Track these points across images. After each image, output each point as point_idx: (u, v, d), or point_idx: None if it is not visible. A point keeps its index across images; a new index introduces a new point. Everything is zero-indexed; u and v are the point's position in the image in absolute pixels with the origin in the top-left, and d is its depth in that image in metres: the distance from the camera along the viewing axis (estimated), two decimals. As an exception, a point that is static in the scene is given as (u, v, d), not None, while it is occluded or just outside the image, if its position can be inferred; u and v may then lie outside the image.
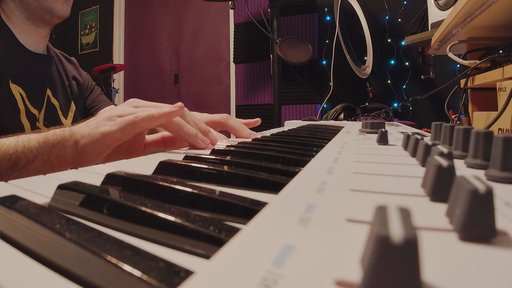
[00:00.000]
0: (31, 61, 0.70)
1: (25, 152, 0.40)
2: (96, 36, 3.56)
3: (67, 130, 0.43)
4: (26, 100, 0.66)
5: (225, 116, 0.61)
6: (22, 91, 0.65)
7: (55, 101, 0.74)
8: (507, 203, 0.15)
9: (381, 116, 1.41)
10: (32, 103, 0.67)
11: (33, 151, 0.40)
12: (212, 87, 2.98)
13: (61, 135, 0.42)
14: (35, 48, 0.72)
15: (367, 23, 1.77)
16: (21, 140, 0.41)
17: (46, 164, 0.41)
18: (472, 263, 0.10)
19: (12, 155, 0.40)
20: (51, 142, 0.41)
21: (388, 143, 0.38)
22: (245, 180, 0.23)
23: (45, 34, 0.73)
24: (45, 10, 0.68)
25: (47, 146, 0.41)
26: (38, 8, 0.67)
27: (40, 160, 0.41)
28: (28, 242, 0.14)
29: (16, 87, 0.64)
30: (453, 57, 0.92)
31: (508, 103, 0.63)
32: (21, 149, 0.40)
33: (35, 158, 0.41)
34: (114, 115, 0.42)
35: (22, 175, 0.40)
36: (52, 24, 0.72)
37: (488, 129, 0.23)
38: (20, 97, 0.64)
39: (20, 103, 0.64)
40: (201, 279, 0.09)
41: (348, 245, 0.11)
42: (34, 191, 0.21)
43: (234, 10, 2.41)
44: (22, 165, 0.40)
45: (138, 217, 0.16)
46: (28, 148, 0.40)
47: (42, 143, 0.41)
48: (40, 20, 0.69)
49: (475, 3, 0.71)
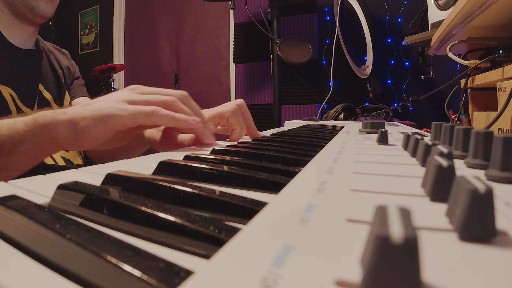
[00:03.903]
0: (20, 58, 0.68)
1: (11, 135, 0.37)
2: (96, 36, 3.56)
3: (59, 111, 0.40)
4: (17, 101, 0.64)
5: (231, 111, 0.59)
6: (13, 92, 0.64)
7: (48, 94, 0.73)
8: (507, 203, 0.15)
9: (381, 116, 1.41)
10: (24, 103, 0.65)
11: (20, 133, 0.37)
12: (212, 87, 2.98)
13: (52, 117, 0.39)
14: (23, 44, 0.70)
15: (367, 23, 1.77)
16: (6, 123, 0.38)
17: (36, 147, 0.38)
18: (472, 263, 0.10)
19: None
20: (40, 124, 0.38)
21: (388, 143, 0.38)
22: (245, 180, 0.23)
23: (31, 31, 0.71)
24: (28, 8, 0.67)
25: (36, 127, 0.38)
26: (20, 5, 0.66)
27: (29, 143, 0.38)
28: (28, 242, 0.14)
29: (6, 89, 0.63)
30: (453, 57, 0.92)
31: (508, 103, 0.63)
32: (6, 131, 0.37)
33: (23, 141, 0.38)
34: (121, 99, 0.41)
35: (9, 159, 0.37)
36: (35, 23, 0.71)
37: (488, 129, 0.23)
38: (10, 98, 0.63)
39: (11, 105, 0.63)
40: (201, 279, 0.09)
41: (348, 245, 0.11)
42: (34, 191, 0.21)
43: (234, 10, 2.41)
44: (8, 149, 0.37)
45: (138, 217, 0.16)
46: (14, 130, 0.37)
47: (31, 124, 0.38)
48: (22, 18, 0.68)
49: (475, 3, 0.71)
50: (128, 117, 0.39)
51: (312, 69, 2.24)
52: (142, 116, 0.40)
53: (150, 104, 0.42)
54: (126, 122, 0.40)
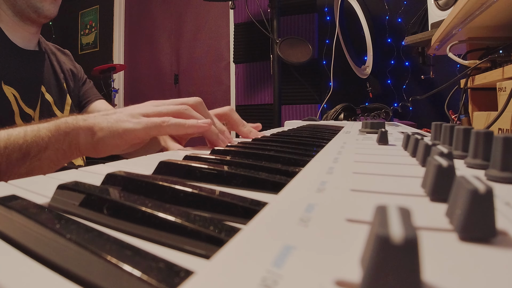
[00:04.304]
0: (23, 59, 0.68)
1: (37, 141, 0.40)
2: (96, 36, 3.56)
3: (80, 119, 0.43)
4: (20, 101, 0.65)
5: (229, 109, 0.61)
6: (16, 92, 0.64)
7: (49, 97, 0.73)
8: (507, 203, 0.15)
9: (381, 116, 1.41)
10: (26, 103, 0.66)
11: (45, 140, 0.41)
12: (212, 87, 2.98)
13: (74, 124, 0.42)
14: (26, 45, 0.70)
15: (367, 23, 1.77)
16: (30, 129, 0.41)
17: (58, 152, 0.41)
18: (472, 263, 0.10)
19: (23, 145, 0.40)
20: (63, 130, 0.41)
21: (388, 143, 0.38)
22: (245, 180, 0.23)
23: (34, 31, 0.72)
24: (32, 9, 0.67)
25: (59, 134, 0.41)
26: (25, 6, 0.66)
27: (52, 149, 0.41)
28: (28, 242, 0.14)
29: (9, 89, 0.63)
30: (453, 57, 0.92)
31: (508, 103, 0.63)
32: (31, 138, 0.40)
33: (47, 147, 0.41)
34: (137, 113, 0.43)
35: (35, 164, 0.40)
36: (39, 23, 0.71)
37: (488, 129, 0.23)
38: (13, 99, 0.63)
39: (14, 105, 0.63)
40: (201, 279, 0.09)
41: (348, 245, 0.11)
42: (34, 191, 0.21)
43: (234, 10, 2.40)
44: (34, 154, 0.40)
45: (138, 217, 0.16)
46: (39, 137, 0.41)
47: (54, 131, 0.41)
48: (27, 18, 0.68)
49: (475, 3, 0.71)
50: (141, 130, 0.41)
51: (312, 69, 2.24)
52: (154, 128, 0.42)
53: (162, 115, 0.44)
54: (140, 135, 0.42)
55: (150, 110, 0.44)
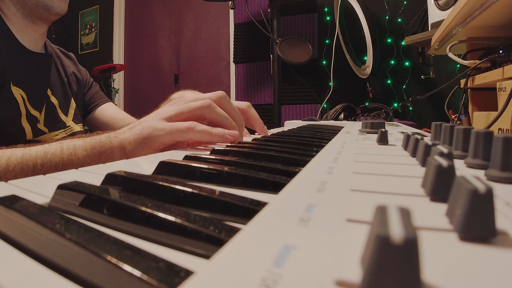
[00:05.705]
0: (31, 61, 0.69)
1: (72, 160, 0.41)
2: (96, 36, 3.56)
3: (112, 137, 0.44)
4: (27, 103, 0.65)
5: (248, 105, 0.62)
6: (23, 93, 0.64)
7: (54, 100, 0.73)
8: (507, 203, 0.15)
9: (381, 116, 1.41)
10: (32, 105, 0.66)
11: (80, 159, 0.42)
12: (212, 87, 2.98)
13: (108, 143, 0.43)
14: (34, 47, 0.71)
15: (367, 23, 1.77)
16: (66, 147, 0.42)
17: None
18: (472, 263, 0.10)
19: (59, 163, 0.41)
20: (98, 151, 0.43)
21: (388, 143, 0.38)
22: (245, 180, 0.23)
23: (42, 32, 0.72)
24: (42, 7, 0.67)
25: (94, 154, 0.43)
26: (35, 5, 0.66)
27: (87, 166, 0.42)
28: (28, 242, 0.14)
29: (18, 90, 0.63)
30: (453, 57, 0.92)
31: (508, 103, 0.63)
32: (67, 157, 0.41)
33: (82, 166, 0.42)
34: (160, 117, 0.44)
35: None
36: (49, 21, 0.71)
37: (488, 129, 0.23)
38: (21, 100, 0.64)
39: (21, 106, 0.63)
40: (201, 279, 0.09)
41: (348, 245, 0.11)
42: (34, 191, 0.21)
43: (234, 10, 2.41)
44: None
45: (138, 217, 0.16)
46: (75, 156, 0.42)
47: (90, 151, 0.43)
48: (37, 18, 0.68)
49: (475, 3, 0.71)
50: (166, 136, 0.42)
51: (312, 69, 2.24)
52: (178, 133, 0.42)
53: (184, 115, 0.44)
54: (165, 141, 0.43)
55: (172, 113, 0.44)
